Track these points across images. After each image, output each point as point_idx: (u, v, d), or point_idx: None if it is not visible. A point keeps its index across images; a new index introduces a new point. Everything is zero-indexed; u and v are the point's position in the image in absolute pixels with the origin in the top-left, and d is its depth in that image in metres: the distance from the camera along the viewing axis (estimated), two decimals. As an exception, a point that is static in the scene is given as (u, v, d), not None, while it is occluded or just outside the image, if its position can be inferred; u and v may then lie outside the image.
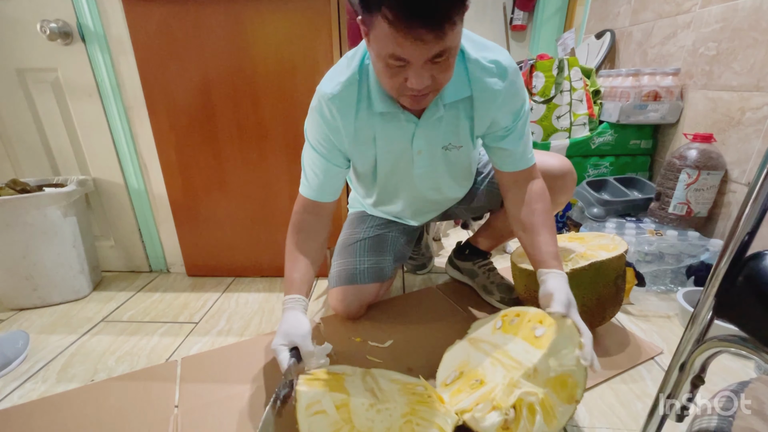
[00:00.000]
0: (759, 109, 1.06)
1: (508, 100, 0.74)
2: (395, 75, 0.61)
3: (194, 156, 1.14)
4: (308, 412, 0.57)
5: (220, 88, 1.07)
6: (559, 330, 0.63)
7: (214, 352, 0.90)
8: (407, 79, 0.61)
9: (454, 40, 0.57)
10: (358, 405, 0.59)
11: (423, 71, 0.60)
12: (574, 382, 0.58)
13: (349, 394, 0.62)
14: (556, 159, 0.93)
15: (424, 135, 0.78)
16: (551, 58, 1.42)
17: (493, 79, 0.72)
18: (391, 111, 0.73)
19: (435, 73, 0.61)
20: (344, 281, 0.96)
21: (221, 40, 1.02)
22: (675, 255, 1.10)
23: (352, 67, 0.72)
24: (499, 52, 0.73)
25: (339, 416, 0.57)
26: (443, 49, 0.57)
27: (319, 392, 0.59)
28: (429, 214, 1.04)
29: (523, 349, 0.65)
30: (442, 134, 0.79)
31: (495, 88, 0.72)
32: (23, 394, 0.80)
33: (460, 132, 0.79)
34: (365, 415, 0.58)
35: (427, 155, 0.82)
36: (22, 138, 1.19)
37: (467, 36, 0.73)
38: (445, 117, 0.76)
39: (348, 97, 0.73)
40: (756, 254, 0.39)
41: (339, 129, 0.76)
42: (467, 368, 0.67)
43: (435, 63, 0.59)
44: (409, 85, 0.61)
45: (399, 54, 0.57)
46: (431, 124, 0.77)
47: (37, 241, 1.06)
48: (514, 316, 0.74)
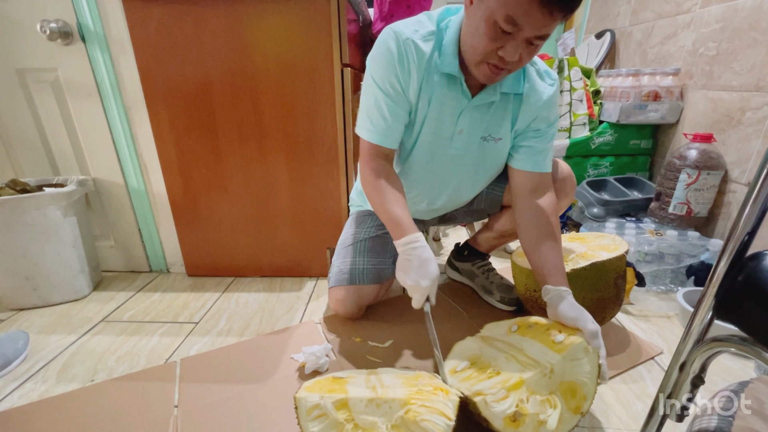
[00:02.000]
0: (759, 109, 1.06)
1: (549, 107, 0.81)
2: (495, 39, 0.63)
3: (194, 156, 1.15)
4: (310, 417, 0.57)
5: (220, 88, 1.07)
6: (573, 342, 0.65)
7: (214, 353, 0.90)
8: (502, 47, 0.64)
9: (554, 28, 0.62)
10: (357, 402, 0.59)
11: (521, 47, 0.63)
12: (583, 394, 0.60)
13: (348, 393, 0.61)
14: (555, 163, 0.94)
15: (470, 115, 0.80)
16: (551, 58, 1.42)
17: (545, 84, 0.80)
18: (455, 75, 0.75)
19: (525, 53, 0.64)
20: (344, 281, 0.96)
21: (221, 40, 1.02)
22: (675, 255, 1.10)
23: (432, 23, 0.75)
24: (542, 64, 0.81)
25: (340, 416, 0.57)
26: (548, 33, 0.61)
27: (317, 396, 0.59)
28: (440, 211, 1.02)
29: (540, 351, 0.66)
30: (487, 122, 0.81)
31: (546, 92, 0.80)
32: (23, 394, 0.80)
33: (504, 124, 0.82)
34: (365, 410, 0.58)
35: (466, 138, 0.83)
36: (22, 138, 1.19)
37: None
38: (496, 105, 0.79)
39: (425, 46, 0.74)
40: (756, 254, 0.39)
41: (411, 73, 0.74)
42: (479, 360, 0.68)
43: (532, 44, 0.63)
44: (502, 53, 0.64)
45: (516, 18, 0.59)
46: (481, 108, 0.79)
47: (37, 241, 1.06)
48: (531, 322, 0.75)
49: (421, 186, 0.92)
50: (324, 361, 0.83)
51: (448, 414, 0.58)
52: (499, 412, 0.57)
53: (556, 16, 0.58)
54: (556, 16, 0.58)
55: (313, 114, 1.08)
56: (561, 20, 0.60)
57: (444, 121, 0.80)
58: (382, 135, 0.78)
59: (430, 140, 0.83)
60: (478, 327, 0.83)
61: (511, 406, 0.57)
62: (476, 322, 0.98)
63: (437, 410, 0.58)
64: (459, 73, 0.74)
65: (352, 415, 0.57)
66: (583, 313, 0.68)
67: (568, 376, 0.62)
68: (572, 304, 0.71)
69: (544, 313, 0.89)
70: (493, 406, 0.57)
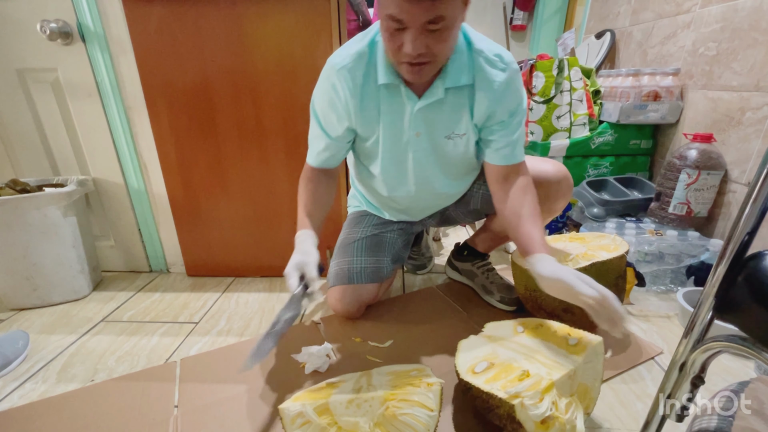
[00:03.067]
0: (759, 109, 1.06)
1: (507, 94, 0.77)
2: (393, 37, 0.64)
3: (194, 156, 1.14)
4: (294, 426, 0.58)
5: (220, 87, 1.07)
6: (590, 343, 0.66)
7: (214, 352, 0.90)
8: (402, 44, 0.64)
9: (449, 9, 0.60)
10: (337, 405, 0.59)
11: (419, 37, 0.62)
12: (592, 396, 0.64)
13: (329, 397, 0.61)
14: (552, 165, 0.93)
15: (424, 117, 0.80)
16: (551, 58, 1.42)
17: (495, 70, 0.75)
18: (393, 83, 0.75)
19: (430, 42, 0.63)
20: (342, 281, 0.96)
21: (221, 40, 1.02)
22: (675, 255, 1.10)
23: (364, 41, 0.76)
24: (504, 51, 0.77)
25: (323, 421, 0.57)
26: (438, 16, 0.60)
27: (298, 404, 0.59)
28: (427, 210, 1.03)
29: (560, 353, 0.66)
30: (446, 121, 0.81)
31: (496, 79, 0.75)
32: (23, 394, 0.80)
33: (463, 119, 0.81)
34: (346, 412, 0.58)
35: (427, 140, 0.83)
36: (22, 138, 1.19)
37: (476, 33, 0.77)
38: (447, 102, 0.78)
39: (356, 68, 0.76)
40: (756, 254, 0.39)
41: (346, 100, 0.78)
42: (497, 360, 0.67)
43: (431, 31, 0.62)
44: (405, 50, 0.64)
45: (396, 14, 0.60)
46: (432, 107, 0.78)
47: (37, 241, 1.06)
48: (537, 323, 0.75)
49: (399, 189, 0.93)
50: (324, 361, 0.83)
51: (429, 405, 0.58)
52: (540, 414, 0.56)
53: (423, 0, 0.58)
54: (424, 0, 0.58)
55: (313, 114, 1.09)
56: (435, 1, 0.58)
57: (398, 128, 0.82)
58: (319, 161, 0.88)
59: (391, 148, 0.85)
60: (478, 327, 0.82)
61: (548, 409, 0.57)
62: (476, 321, 0.98)
63: (417, 403, 0.58)
64: (396, 79, 0.75)
65: (334, 419, 0.58)
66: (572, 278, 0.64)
67: (582, 378, 0.64)
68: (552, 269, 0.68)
69: (544, 313, 0.90)
70: (531, 409, 0.56)
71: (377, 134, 0.84)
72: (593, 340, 0.66)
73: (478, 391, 0.63)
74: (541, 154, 1.42)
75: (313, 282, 0.74)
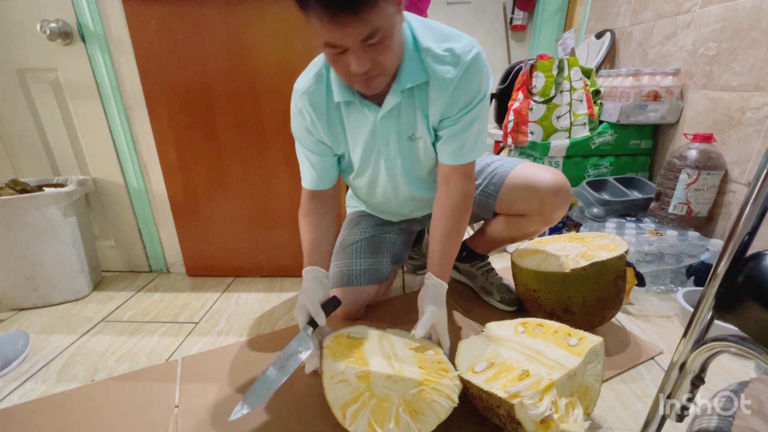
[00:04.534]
0: (759, 109, 1.06)
1: (460, 88, 0.72)
2: (338, 62, 0.64)
3: (194, 156, 1.14)
4: (333, 381, 0.64)
5: (220, 88, 1.07)
6: (590, 344, 0.66)
7: (214, 352, 0.90)
8: (347, 65, 0.63)
9: (382, 20, 0.59)
10: (377, 376, 0.65)
11: (361, 54, 0.62)
12: (592, 397, 0.65)
13: (369, 364, 0.68)
14: (550, 174, 0.88)
15: (386, 125, 0.79)
16: (551, 58, 1.42)
17: (445, 67, 0.71)
18: (349, 100, 0.76)
19: (374, 55, 0.63)
20: (341, 283, 0.96)
21: (221, 40, 1.02)
22: (675, 255, 1.10)
23: (319, 63, 0.77)
24: (458, 40, 0.71)
25: (360, 385, 0.63)
26: (371, 31, 0.59)
27: (342, 365, 0.66)
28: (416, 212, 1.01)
29: (560, 354, 0.66)
30: (404, 123, 0.79)
31: (447, 76, 0.71)
32: (23, 394, 0.80)
33: (418, 120, 0.78)
34: (383, 384, 0.64)
35: (395, 147, 0.83)
36: (22, 138, 1.19)
37: (429, 25, 0.73)
38: (405, 105, 0.77)
39: (317, 91, 0.77)
40: (756, 254, 0.39)
41: (315, 122, 0.80)
42: (498, 360, 0.68)
43: (370, 45, 0.61)
44: (351, 70, 0.63)
45: (331, 41, 0.60)
46: (393, 113, 0.77)
47: (37, 241, 1.06)
48: (536, 324, 0.75)
49: (378, 197, 0.94)
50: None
51: (453, 398, 0.63)
52: (539, 414, 0.57)
53: (350, 22, 0.56)
54: (350, 22, 0.56)
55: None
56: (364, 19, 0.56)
57: (366, 140, 0.81)
58: (312, 181, 0.87)
59: (362, 161, 0.86)
60: (478, 326, 0.83)
61: (547, 409, 0.57)
62: (476, 321, 0.98)
63: (445, 393, 0.63)
64: (351, 95, 0.75)
65: (370, 386, 0.64)
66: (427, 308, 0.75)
67: (583, 379, 0.64)
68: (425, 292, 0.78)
69: (544, 313, 0.90)
70: (531, 408, 0.57)
71: (348, 150, 0.85)
72: (594, 340, 0.67)
73: (477, 391, 0.63)
74: (541, 154, 1.42)
75: (320, 318, 0.76)
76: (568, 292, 0.84)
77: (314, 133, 0.82)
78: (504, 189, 0.92)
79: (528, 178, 0.89)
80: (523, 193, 0.89)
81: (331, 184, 0.89)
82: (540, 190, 0.87)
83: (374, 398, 0.61)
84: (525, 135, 1.43)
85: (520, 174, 0.90)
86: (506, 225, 0.97)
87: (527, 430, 0.57)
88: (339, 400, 0.62)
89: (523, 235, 1.01)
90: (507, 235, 1.00)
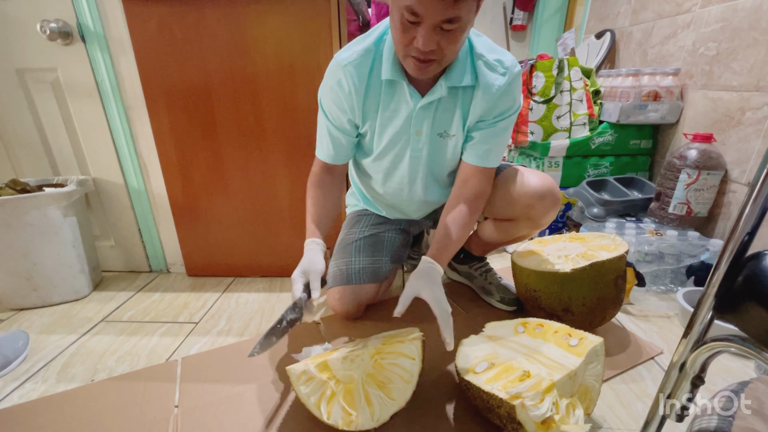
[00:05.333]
0: (759, 109, 1.06)
1: (503, 97, 0.78)
2: (407, 30, 0.65)
3: (194, 156, 1.14)
4: (300, 381, 0.65)
5: (220, 88, 1.07)
6: (591, 344, 0.66)
7: (214, 352, 0.90)
8: (415, 38, 0.65)
9: (465, 12, 0.61)
10: (335, 360, 0.67)
11: (432, 34, 0.63)
12: (592, 397, 0.65)
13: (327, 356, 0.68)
14: (537, 178, 0.88)
15: (423, 115, 0.81)
16: (551, 58, 1.42)
17: (495, 74, 0.77)
18: (396, 80, 0.77)
19: (442, 40, 0.65)
20: (341, 281, 0.96)
21: (221, 40, 1.02)
22: (675, 255, 1.10)
23: (371, 39, 0.78)
24: (506, 55, 0.78)
25: (323, 375, 0.64)
26: (454, 16, 0.61)
27: (302, 364, 0.67)
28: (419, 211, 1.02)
29: (561, 354, 0.66)
30: (439, 119, 0.82)
31: (496, 83, 0.76)
32: (23, 394, 0.80)
33: (455, 119, 0.81)
34: (342, 366, 0.65)
35: (424, 138, 0.84)
36: (22, 138, 1.19)
37: (481, 38, 0.78)
38: (446, 101, 0.79)
39: (362, 64, 0.78)
40: (756, 254, 0.39)
41: (351, 95, 0.80)
42: (498, 360, 0.68)
43: (444, 30, 0.63)
44: (416, 44, 0.65)
45: (414, 8, 0.61)
46: (432, 106, 0.80)
47: (37, 241, 1.06)
48: (536, 325, 0.75)
49: (394, 186, 0.94)
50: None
51: (411, 355, 0.66)
52: (540, 415, 0.57)
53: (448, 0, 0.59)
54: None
55: (313, 114, 1.07)
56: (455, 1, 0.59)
57: (398, 125, 0.83)
58: (328, 155, 0.89)
59: (389, 145, 0.87)
60: (478, 326, 0.82)
61: (548, 410, 0.57)
62: (476, 321, 0.98)
63: (400, 353, 0.66)
64: (400, 76, 0.77)
65: (332, 373, 0.65)
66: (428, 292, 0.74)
67: (583, 379, 0.64)
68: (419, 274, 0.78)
69: (544, 313, 0.90)
70: (532, 409, 0.56)
71: (378, 130, 0.85)
72: (594, 341, 0.67)
73: (478, 391, 0.63)
74: (541, 154, 1.42)
75: (315, 291, 0.79)
76: (568, 292, 0.84)
77: (345, 105, 0.82)
78: (492, 193, 0.91)
79: (515, 183, 0.88)
80: (510, 197, 0.89)
81: (345, 160, 0.92)
82: (526, 195, 0.87)
83: (340, 384, 0.63)
84: (525, 135, 1.43)
85: (508, 178, 0.90)
86: (496, 229, 0.98)
87: (528, 430, 0.57)
88: (309, 396, 0.63)
89: (514, 239, 1.02)
90: (498, 239, 1.01)
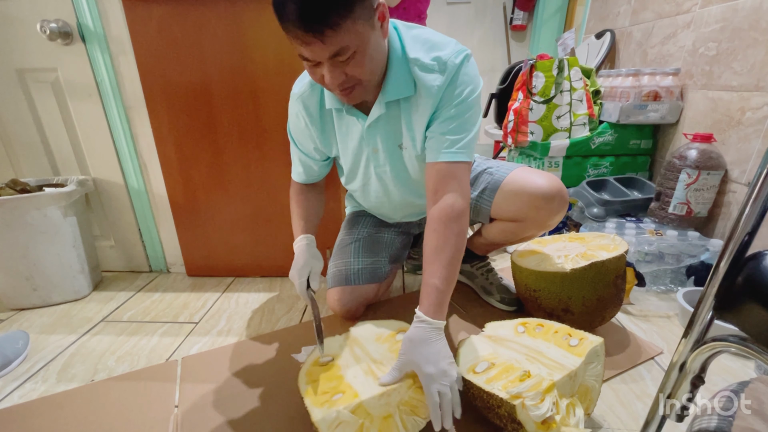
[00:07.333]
0: (759, 109, 1.06)
1: (448, 90, 0.72)
2: (314, 73, 0.66)
3: (194, 156, 1.14)
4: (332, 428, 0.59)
5: (220, 88, 1.07)
6: (591, 344, 0.66)
7: (214, 352, 0.90)
8: (322, 75, 0.65)
9: (350, 40, 0.60)
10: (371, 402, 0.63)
11: (333, 69, 0.63)
12: (592, 397, 0.65)
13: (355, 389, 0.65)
14: (545, 180, 0.86)
15: (375, 133, 0.80)
16: (551, 58, 1.42)
17: (432, 75, 0.71)
18: (338, 107, 0.78)
19: (347, 69, 0.64)
20: (340, 282, 0.96)
21: (221, 40, 1.02)
22: (675, 255, 1.10)
23: None
24: (445, 48, 0.71)
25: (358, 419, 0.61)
26: (338, 49, 0.60)
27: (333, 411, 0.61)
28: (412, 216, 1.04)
29: (561, 354, 0.66)
30: (391, 133, 0.80)
31: (434, 83, 0.71)
32: (23, 394, 0.80)
33: (404, 131, 0.79)
34: (379, 404, 0.63)
35: (384, 154, 0.84)
36: (22, 138, 1.19)
37: (419, 35, 0.73)
38: (392, 115, 0.77)
39: (311, 96, 0.80)
40: (756, 254, 0.39)
41: (308, 126, 0.83)
42: (498, 360, 0.67)
43: (343, 62, 0.62)
44: (325, 81, 0.65)
45: (302, 53, 0.62)
46: (380, 122, 0.79)
47: (37, 241, 1.06)
48: (536, 325, 0.75)
49: (374, 200, 0.96)
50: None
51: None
52: (540, 415, 0.57)
53: (314, 42, 0.58)
54: (314, 41, 0.58)
55: (313, 114, 1.09)
56: (327, 40, 0.58)
57: (354, 146, 0.84)
58: (302, 176, 0.95)
59: (353, 166, 0.89)
60: (478, 326, 0.83)
61: (548, 410, 0.57)
62: (476, 321, 0.98)
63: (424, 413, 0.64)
64: (339, 104, 0.77)
65: (368, 414, 0.62)
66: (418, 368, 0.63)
67: (583, 379, 0.64)
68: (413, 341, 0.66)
69: (544, 313, 0.90)
70: (532, 409, 0.57)
71: (339, 154, 0.89)
72: (594, 341, 0.67)
73: (478, 391, 0.63)
74: (541, 154, 1.42)
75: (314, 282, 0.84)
76: (568, 292, 0.84)
77: (306, 134, 0.85)
78: (499, 195, 0.91)
79: (522, 184, 0.88)
80: (518, 199, 0.88)
81: (319, 179, 0.97)
82: (534, 197, 0.86)
83: (377, 420, 0.61)
84: (525, 135, 1.43)
85: (515, 180, 0.90)
86: (502, 230, 0.97)
87: (528, 430, 0.57)
88: None
89: (520, 239, 1.01)
90: (503, 240, 1.00)
